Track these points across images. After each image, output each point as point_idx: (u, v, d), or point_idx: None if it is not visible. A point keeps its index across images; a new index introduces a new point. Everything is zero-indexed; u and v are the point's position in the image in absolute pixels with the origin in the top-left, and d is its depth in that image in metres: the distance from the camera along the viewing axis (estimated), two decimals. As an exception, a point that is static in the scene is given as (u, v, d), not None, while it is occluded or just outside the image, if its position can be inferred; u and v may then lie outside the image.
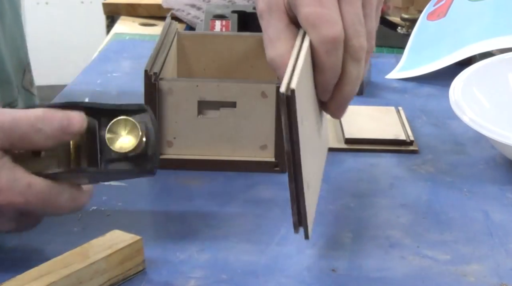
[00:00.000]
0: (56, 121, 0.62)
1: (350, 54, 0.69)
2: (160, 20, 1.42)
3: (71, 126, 0.62)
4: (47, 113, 0.62)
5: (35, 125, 0.61)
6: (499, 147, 0.85)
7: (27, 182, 0.62)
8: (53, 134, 0.62)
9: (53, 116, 0.62)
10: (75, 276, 0.60)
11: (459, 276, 0.66)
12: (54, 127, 0.62)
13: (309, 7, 0.67)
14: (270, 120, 0.82)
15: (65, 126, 0.62)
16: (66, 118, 0.62)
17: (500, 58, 0.96)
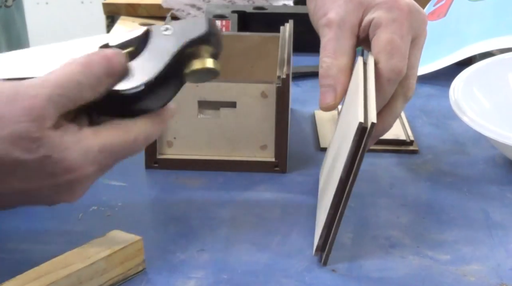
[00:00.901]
0: (96, 68, 0.60)
1: (403, 91, 0.76)
2: (160, 20, 1.42)
3: (113, 67, 0.61)
4: (85, 65, 0.60)
5: (80, 82, 0.59)
6: (499, 146, 0.85)
7: (97, 149, 0.60)
8: (99, 82, 0.60)
9: (92, 65, 0.60)
10: (75, 276, 0.60)
11: (459, 276, 0.66)
12: (99, 75, 0.60)
13: (391, 35, 0.74)
14: (270, 120, 0.82)
15: (107, 70, 0.60)
16: (104, 60, 0.61)
17: (500, 58, 0.96)
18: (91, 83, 0.60)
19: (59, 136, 0.58)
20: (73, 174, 0.59)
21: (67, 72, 0.59)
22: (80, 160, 0.59)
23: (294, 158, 0.86)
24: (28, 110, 0.57)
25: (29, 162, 0.58)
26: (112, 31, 1.41)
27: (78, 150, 0.59)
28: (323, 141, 0.91)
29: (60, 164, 0.58)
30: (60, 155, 0.58)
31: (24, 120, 0.57)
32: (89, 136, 0.60)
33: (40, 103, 0.57)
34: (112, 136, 0.61)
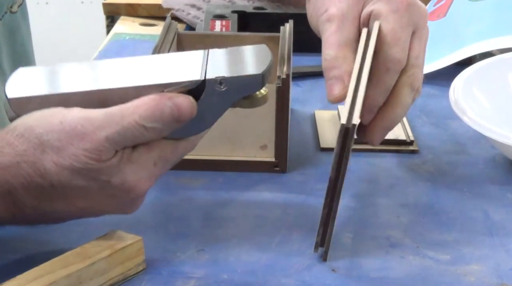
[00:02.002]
0: (166, 114, 0.62)
1: (407, 81, 0.76)
2: (160, 20, 1.42)
3: (182, 115, 0.63)
4: (155, 109, 0.62)
5: (146, 126, 0.62)
6: (499, 146, 0.85)
7: (152, 164, 0.63)
8: (165, 127, 0.62)
9: (163, 110, 0.62)
10: (75, 276, 0.60)
11: (459, 276, 0.66)
12: (166, 121, 0.62)
13: (391, 25, 0.74)
14: (270, 120, 0.82)
15: (176, 117, 0.62)
16: (176, 108, 0.62)
17: (500, 58, 0.96)
18: (157, 128, 0.62)
19: (116, 164, 0.62)
20: (132, 193, 0.63)
21: (134, 112, 0.61)
22: (137, 179, 0.63)
23: (294, 158, 0.86)
24: (86, 148, 0.61)
25: (90, 187, 0.62)
26: (113, 31, 1.40)
27: (134, 171, 0.63)
28: (323, 141, 0.91)
29: (120, 187, 0.62)
30: (118, 179, 0.62)
31: (82, 156, 0.61)
32: (144, 153, 0.63)
33: (98, 141, 0.61)
34: (164, 148, 0.64)
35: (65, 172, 0.61)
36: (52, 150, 0.61)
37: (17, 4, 0.98)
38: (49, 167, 0.61)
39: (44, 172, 0.61)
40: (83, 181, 0.61)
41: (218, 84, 0.64)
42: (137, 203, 0.65)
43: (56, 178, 0.61)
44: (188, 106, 0.63)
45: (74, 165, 0.61)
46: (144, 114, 0.61)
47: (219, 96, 0.65)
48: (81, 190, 0.62)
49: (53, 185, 0.61)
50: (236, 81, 0.65)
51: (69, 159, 0.61)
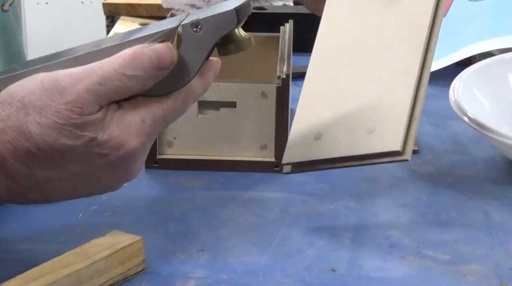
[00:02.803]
0: (146, 61, 0.61)
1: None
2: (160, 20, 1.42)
3: (163, 61, 0.61)
4: (135, 57, 0.61)
5: (126, 74, 0.60)
6: (499, 146, 0.85)
7: (139, 120, 0.62)
8: (148, 75, 0.61)
9: (142, 57, 0.61)
10: (75, 276, 0.60)
11: (459, 276, 0.66)
12: (147, 68, 0.61)
13: None
14: (270, 120, 0.82)
15: (156, 64, 0.61)
16: (155, 55, 0.61)
17: (500, 58, 0.96)
18: (138, 75, 0.61)
19: (100, 119, 0.60)
20: (121, 150, 0.61)
21: (113, 62, 0.61)
22: (124, 136, 0.61)
23: (294, 158, 0.86)
24: (68, 101, 0.60)
25: (77, 146, 0.60)
26: (113, 31, 1.40)
27: (120, 127, 0.61)
28: (323, 141, 0.91)
29: (106, 144, 0.61)
30: (104, 135, 0.60)
31: (64, 110, 0.59)
32: (129, 111, 0.62)
33: (79, 93, 0.60)
34: (151, 106, 0.62)
35: (49, 131, 0.60)
36: (35, 110, 0.60)
37: (8, 3, 0.98)
38: (33, 128, 0.60)
39: (29, 134, 0.60)
40: (68, 139, 0.60)
41: (194, 28, 0.63)
42: (133, 166, 0.63)
43: (41, 139, 0.60)
44: (167, 52, 0.62)
45: (57, 121, 0.59)
46: (123, 62, 0.60)
47: (197, 40, 0.63)
48: (68, 150, 0.60)
49: (39, 147, 0.60)
50: (211, 20, 0.63)
51: (52, 117, 0.60)
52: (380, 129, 0.68)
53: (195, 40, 0.64)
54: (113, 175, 0.63)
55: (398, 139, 0.67)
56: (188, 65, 0.63)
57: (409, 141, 0.67)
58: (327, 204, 0.78)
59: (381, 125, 0.69)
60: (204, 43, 0.64)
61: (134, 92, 0.61)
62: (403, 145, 0.67)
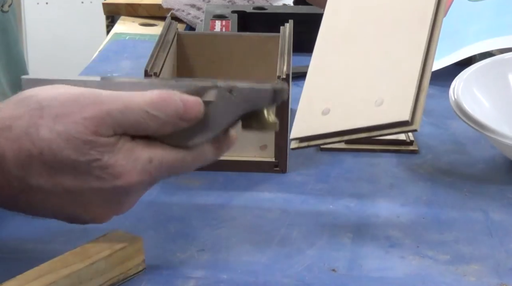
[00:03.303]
0: (172, 107, 0.61)
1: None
2: (160, 20, 1.42)
3: (188, 113, 0.61)
4: (162, 99, 0.61)
5: (149, 112, 0.60)
6: (499, 146, 0.85)
7: (147, 158, 0.61)
8: (168, 121, 0.61)
9: (169, 102, 0.61)
10: (75, 276, 0.60)
11: (459, 276, 0.66)
12: (170, 114, 0.61)
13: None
14: (270, 120, 0.82)
15: (181, 113, 0.61)
16: (182, 104, 0.61)
17: (500, 58, 0.96)
18: (160, 117, 0.61)
19: (111, 144, 0.60)
20: (119, 180, 0.61)
21: (141, 97, 0.61)
22: (128, 167, 0.61)
23: (294, 158, 0.86)
24: (86, 116, 0.59)
25: (79, 162, 0.60)
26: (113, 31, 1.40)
27: (127, 158, 0.61)
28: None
29: (108, 169, 0.60)
30: (109, 160, 0.60)
31: (81, 123, 0.59)
32: (141, 147, 0.61)
33: (99, 113, 0.59)
34: (163, 151, 0.62)
35: (57, 139, 0.59)
36: (50, 115, 0.59)
37: (8, 3, 0.98)
38: (43, 132, 0.59)
39: (36, 137, 0.59)
40: (74, 153, 0.59)
41: (228, 92, 0.64)
42: (125, 201, 0.63)
43: (47, 144, 0.59)
44: (195, 105, 0.62)
45: (69, 132, 0.59)
46: (149, 100, 0.60)
47: (227, 104, 0.63)
48: (69, 163, 0.60)
49: (43, 153, 0.59)
50: (247, 91, 0.64)
51: (66, 126, 0.59)
52: (388, 101, 0.69)
53: (225, 104, 0.63)
54: (104, 204, 0.62)
55: (407, 110, 0.67)
56: (210, 125, 0.63)
57: (418, 112, 0.68)
58: (327, 204, 0.78)
59: (389, 97, 0.69)
60: (233, 110, 0.64)
61: (150, 132, 0.61)
62: (412, 115, 0.67)
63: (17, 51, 1.02)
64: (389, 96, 0.69)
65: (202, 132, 0.63)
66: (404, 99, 0.68)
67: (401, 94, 0.68)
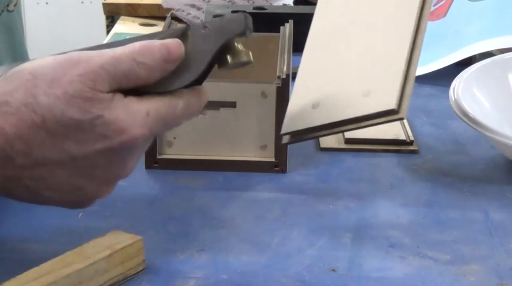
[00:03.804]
0: (156, 52, 0.62)
1: None
2: (160, 20, 1.42)
3: (171, 55, 0.63)
4: (145, 46, 0.62)
5: (136, 59, 0.61)
6: (499, 147, 0.85)
7: (144, 111, 0.62)
8: (155, 65, 0.62)
9: (152, 48, 0.62)
10: (75, 276, 0.60)
11: (459, 276, 0.66)
12: (156, 58, 0.62)
13: None
14: (270, 120, 0.82)
15: (165, 56, 0.62)
16: (164, 47, 0.62)
17: (500, 58, 0.96)
18: (148, 63, 0.62)
19: (109, 99, 0.60)
20: (123, 135, 0.61)
21: (126, 49, 0.62)
22: (129, 121, 0.61)
23: (294, 158, 0.86)
24: (81, 73, 0.59)
25: (83, 122, 0.59)
26: (113, 31, 1.40)
27: (126, 113, 0.61)
28: (323, 141, 0.91)
29: (111, 125, 0.60)
30: (111, 115, 0.60)
31: (77, 81, 0.59)
32: (136, 101, 0.62)
33: (92, 68, 0.60)
34: (156, 102, 0.63)
35: (57, 103, 0.59)
36: (45, 82, 0.59)
37: (13, 3, 0.98)
38: (42, 99, 0.59)
39: (36, 105, 0.59)
40: (75, 112, 0.59)
41: (202, 28, 0.65)
42: (130, 160, 0.62)
43: (47, 110, 0.59)
44: (176, 46, 0.63)
45: (67, 92, 0.59)
46: (133, 49, 0.62)
47: (203, 39, 0.65)
48: (73, 126, 0.59)
49: (45, 119, 0.59)
50: (220, 23, 0.65)
51: (63, 88, 0.59)
52: (376, 91, 0.70)
53: (201, 40, 0.65)
54: (109, 167, 0.62)
55: (393, 99, 0.68)
56: (192, 63, 0.64)
57: (404, 100, 0.68)
58: (327, 204, 0.78)
59: (376, 88, 0.70)
60: (209, 43, 0.65)
61: (141, 81, 0.62)
62: (398, 103, 0.68)
63: (22, 52, 1.03)
64: (376, 86, 0.70)
65: (186, 72, 0.64)
66: (391, 89, 0.68)
67: (388, 84, 0.69)
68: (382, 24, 0.74)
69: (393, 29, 0.73)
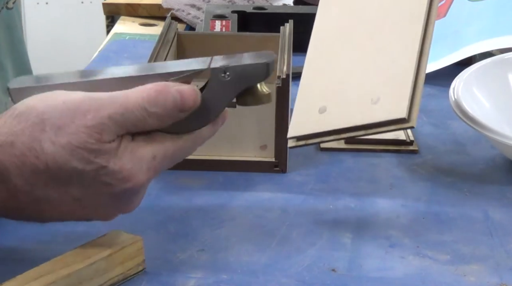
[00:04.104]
0: (169, 101, 0.61)
1: None
2: (160, 20, 1.42)
3: (186, 104, 0.61)
4: (159, 93, 0.61)
5: (148, 110, 0.60)
6: (499, 147, 0.85)
7: (150, 156, 0.61)
8: (167, 114, 0.61)
9: (166, 95, 0.61)
10: (75, 276, 0.60)
11: (459, 276, 0.66)
12: (168, 108, 0.61)
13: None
14: (270, 120, 0.82)
15: (179, 105, 0.61)
16: (179, 95, 0.61)
17: (500, 58, 0.96)
18: (159, 113, 0.61)
19: (114, 149, 0.60)
20: (128, 184, 0.61)
21: (138, 95, 0.60)
22: (134, 169, 0.61)
23: (294, 158, 0.86)
24: (88, 125, 0.59)
25: (86, 172, 0.60)
26: (113, 31, 1.40)
27: (132, 160, 0.61)
28: (323, 141, 0.91)
29: (116, 174, 0.60)
30: (115, 166, 0.60)
31: (83, 132, 0.59)
32: (142, 145, 0.61)
33: (101, 119, 0.59)
34: (164, 143, 0.62)
35: (62, 152, 0.59)
36: (52, 128, 0.59)
37: (12, 0, 0.98)
38: (47, 146, 0.59)
39: (40, 151, 0.59)
40: (79, 162, 0.59)
41: (223, 73, 0.63)
42: (132, 199, 0.63)
43: (51, 157, 0.59)
44: (191, 95, 0.62)
45: (72, 143, 0.59)
46: (147, 97, 0.60)
47: (223, 86, 0.63)
48: (76, 174, 0.60)
49: (48, 166, 0.59)
50: (241, 69, 0.63)
51: (68, 137, 0.59)
52: (384, 99, 0.69)
53: (221, 86, 0.63)
54: (114, 204, 0.63)
55: (403, 107, 0.67)
56: (208, 109, 0.63)
57: (414, 109, 0.68)
58: (327, 204, 0.78)
59: (385, 95, 0.69)
60: (229, 91, 0.64)
61: (151, 128, 0.61)
62: (408, 112, 0.67)
63: (22, 49, 1.03)
64: (385, 94, 0.69)
65: (201, 117, 0.63)
66: (400, 97, 0.68)
67: (397, 91, 0.69)
68: (388, 30, 0.73)
69: (400, 35, 0.72)
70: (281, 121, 0.82)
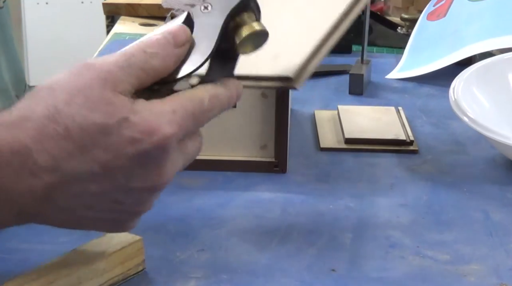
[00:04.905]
0: (162, 40, 0.61)
1: None
2: (160, 20, 1.42)
3: (178, 38, 0.61)
4: (150, 38, 0.61)
5: (147, 51, 0.59)
6: (499, 147, 0.85)
7: (170, 110, 0.58)
8: (167, 52, 0.60)
9: (157, 37, 0.61)
10: (75, 276, 0.60)
11: (459, 276, 0.66)
12: (164, 46, 0.60)
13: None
14: (270, 120, 0.82)
15: (172, 41, 0.61)
16: (168, 33, 0.61)
17: (500, 58, 0.96)
18: (159, 52, 0.60)
19: (131, 102, 0.57)
20: (154, 136, 0.57)
21: (133, 44, 0.60)
22: (157, 120, 0.57)
23: (294, 158, 0.86)
24: (97, 76, 0.57)
25: (108, 126, 0.56)
26: (113, 31, 1.40)
27: (152, 114, 0.57)
28: (323, 141, 0.91)
29: (139, 126, 0.57)
30: (136, 117, 0.57)
31: (96, 84, 0.57)
32: (159, 103, 0.59)
33: (108, 68, 0.57)
34: (180, 99, 0.60)
35: (80, 111, 0.56)
36: (65, 91, 0.57)
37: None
38: (62, 108, 0.56)
39: (57, 116, 0.56)
40: (99, 116, 0.56)
41: (203, 8, 0.65)
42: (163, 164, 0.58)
43: (70, 119, 0.56)
44: (179, 29, 0.62)
45: (90, 99, 0.56)
46: (143, 41, 0.60)
47: (207, 18, 0.64)
48: (99, 133, 0.56)
49: (69, 129, 0.56)
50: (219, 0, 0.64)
51: (84, 95, 0.56)
52: (283, 57, 0.70)
53: (206, 19, 0.64)
54: (145, 173, 0.58)
55: (293, 67, 0.68)
56: (203, 44, 0.63)
57: (304, 72, 0.68)
58: (327, 204, 0.78)
59: (284, 54, 0.70)
60: (216, 19, 0.64)
61: (158, 72, 0.60)
62: (297, 73, 0.68)
63: (13, 48, 1.03)
64: (285, 53, 0.70)
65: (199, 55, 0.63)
66: (296, 59, 0.69)
67: (296, 52, 0.69)
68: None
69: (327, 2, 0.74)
70: (281, 121, 0.82)
